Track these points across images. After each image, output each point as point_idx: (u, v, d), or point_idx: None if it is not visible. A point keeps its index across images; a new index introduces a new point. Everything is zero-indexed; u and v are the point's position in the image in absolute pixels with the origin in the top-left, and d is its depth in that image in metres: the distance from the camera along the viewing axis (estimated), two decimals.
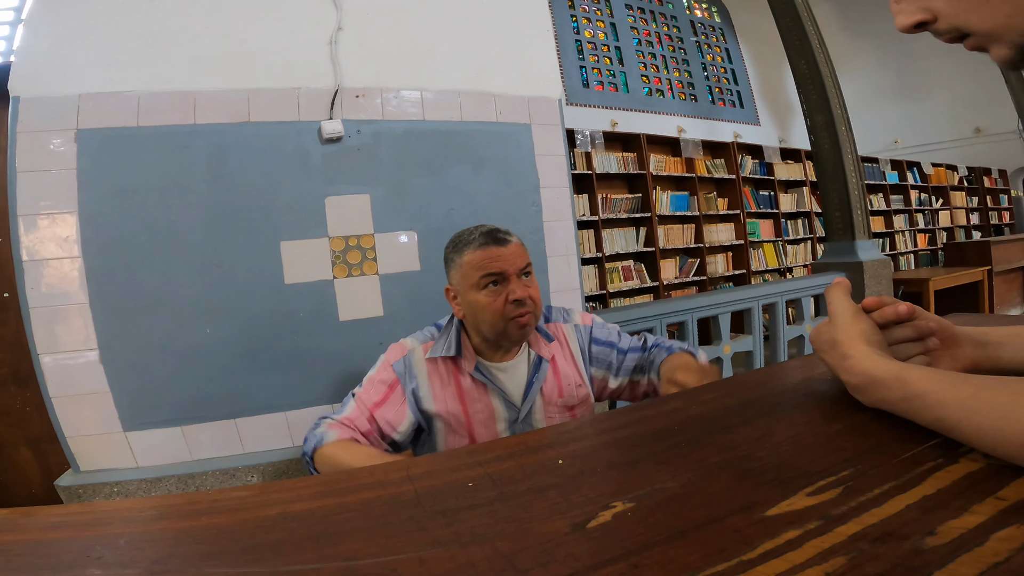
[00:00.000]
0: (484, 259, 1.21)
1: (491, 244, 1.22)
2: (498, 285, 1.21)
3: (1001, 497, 0.36)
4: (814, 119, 4.10)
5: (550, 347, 1.35)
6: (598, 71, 7.01)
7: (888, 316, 0.60)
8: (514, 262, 1.22)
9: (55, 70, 1.83)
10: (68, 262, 1.83)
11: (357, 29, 2.16)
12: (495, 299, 1.21)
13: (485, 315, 1.22)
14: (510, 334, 1.23)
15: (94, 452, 1.88)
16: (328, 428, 1.22)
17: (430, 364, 1.29)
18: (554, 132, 2.47)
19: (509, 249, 1.23)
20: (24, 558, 0.42)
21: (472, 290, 1.22)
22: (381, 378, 1.29)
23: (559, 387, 1.33)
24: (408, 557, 0.37)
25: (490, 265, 1.20)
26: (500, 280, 1.21)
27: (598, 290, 5.64)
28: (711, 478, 0.45)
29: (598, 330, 1.43)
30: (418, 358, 1.30)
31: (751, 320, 3.45)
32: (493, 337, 1.26)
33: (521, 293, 1.20)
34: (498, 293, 1.21)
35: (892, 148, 9.93)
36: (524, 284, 1.23)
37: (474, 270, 1.21)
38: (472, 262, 1.21)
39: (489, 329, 1.23)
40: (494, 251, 1.21)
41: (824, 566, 0.31)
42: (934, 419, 0.46)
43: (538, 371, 1.32)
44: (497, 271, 1.21)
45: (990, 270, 5.63)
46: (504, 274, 1.21)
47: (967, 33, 0.46)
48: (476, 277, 1.21)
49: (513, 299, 1.20)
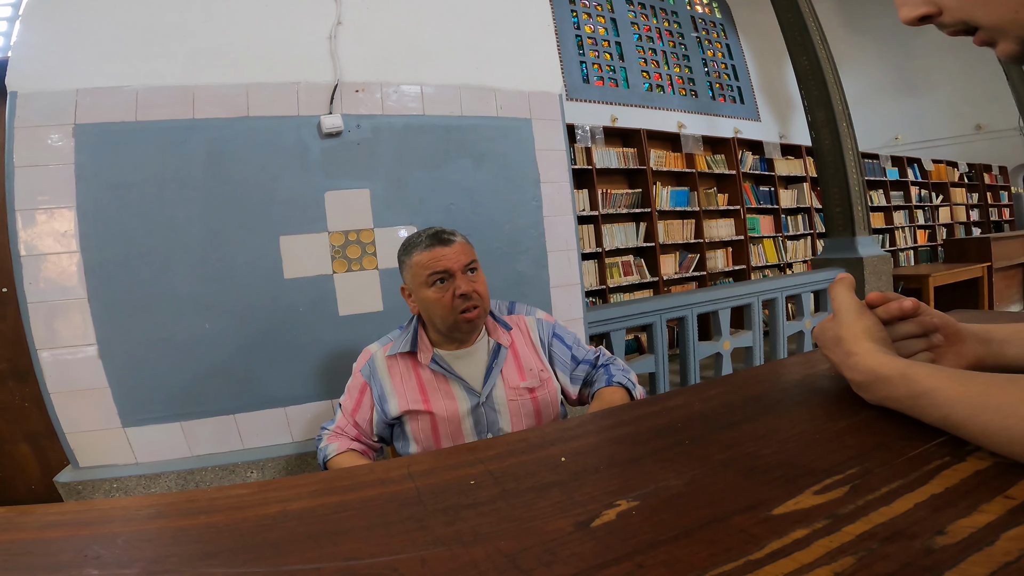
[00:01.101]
0: (431, 259, 1.32)
1: (436, 245, 1.33)
2: (445, 282, 1.32)
3: (1010, 496, 0.35)
4: (815, 115, 4.10)
5: (509, 334, 1.45)
6: (598, 66, 6.98)
7: (893, 312, 0.60)
8: (458, 259, 1.33)
9: (53, 65, 1.83)
10: (66, 257, 1.82)
11: (357, 23, 2.15)
12: (443, 295, 1.32)
13: (436, 309, 1.33)
14: (460, 326, 1.34)
15: (93, 448, 1.88)
16: (328, 441, 1.42)
17: (390, 361, 1.41)
18: (554, 127, 2.46)
19: (453, 248, 1.34)
20: (21, 557, 0.42)
21: (422, 288, 1.33)
22: (353, 384, 1.44)
23: (519, 370, 1.42)
24: (410, 556, 0.37)
25: (436, 264, 1.31)
26: (446, 277, 1.32)
27: (598, 285, 5.64)
28: (716, 476, 0.44)
29: (560, 329, 1.54)
30: (379, 359, 1.42)
31: (751, 316, 3.45)
32: (446, 330, 1.37)
33: (466, 288, 1.31)
34: (445, 289, 1.32)
35: (892, 144, 9.91)
36: (469, 280, 1.33)
37: (422, 269, 1.32)
38: (420, 262, 1.33)
39: (441, 323, 1.35)
40: (439, 251, 1.32)
41: (833, 566, 0.30)
42: (940, 417, 0.46)
43: (497, 356, 1.41)
44: (442, 269, 1.31)
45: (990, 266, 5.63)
46: (449, 271, 1.32)
47: (973, 27, 0.45)
48: (424, 275, 1.32)
49: (459, 293, 1.30)
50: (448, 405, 1.36)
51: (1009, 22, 0.43)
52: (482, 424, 1.37)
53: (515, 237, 2.35)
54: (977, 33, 0.45)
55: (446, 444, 1.37)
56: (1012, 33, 0.43)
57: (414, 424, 1.37)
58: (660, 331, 3.00)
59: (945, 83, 9.45)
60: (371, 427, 1.41)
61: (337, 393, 2.07)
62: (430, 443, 1.37)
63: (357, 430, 1.41)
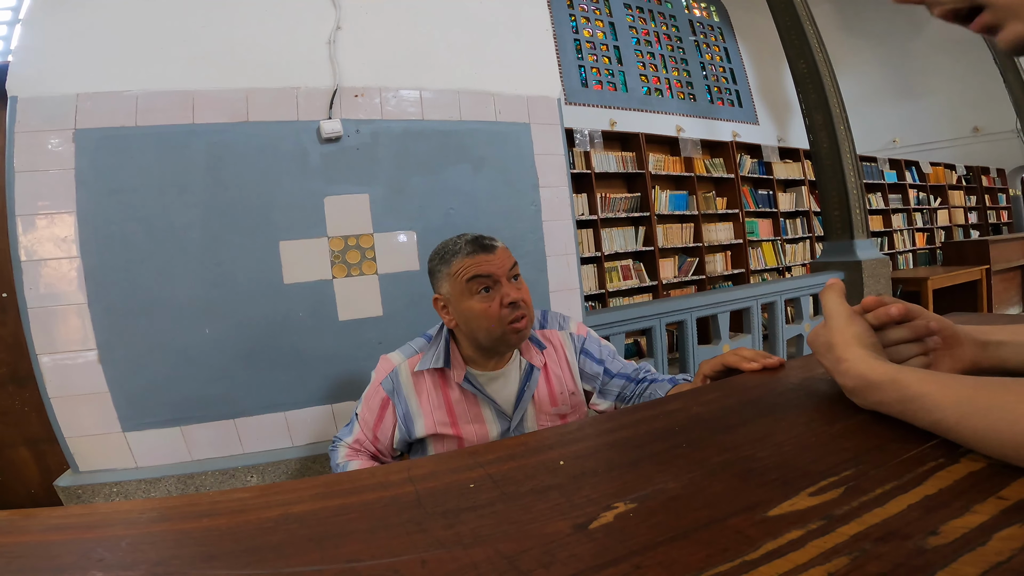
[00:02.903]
0: (474, 267, 1.19)
1: (479, 251, 1.21)
2: (490, 291, 1.20)
3: (1003, 496, 0.36)
4: (813, 118, 4.11)
5: (542, 355, 1.33)
6: (597, 70, 7.00)
7: (881, 318, 0.60)
8: (503, 265, 1.21)
9: (53, 70, 1.83)
10: (66, 262, 1.82)
11: (356, 28, 2.16)
12: (490, 304, 1.19)
13: (481, 322, 1.20)
14: (507, 339, 1.21)
15: (93, 452, 1.88)
16: (347, 457, 1.30)
17: (416, 378, 1.28)
18: (553, 131, 2.47)
19: (497, 254, 1.22)
20: (25, 560, 0.42)
21: (464, 298, 1.21)
22: (374, 397, 1.30)
23: (551, 395, 1.32)
24: (410, 558, 0.37)
25: (480, 270, 1.19)
26: (492, 286, 1.20)
27: (597, 289, 5.64)
28: (713, 478, 0.45)
29: (590, 344, 1.41)
30: (405, 374, 1.29)
31: (750, 319, 3.45)
32: (489, 344, 1.23)
33: (515, 295, 1.19)
34: (491, 298, 1.19)
35: (890, 147, 9.93)
36: (516, 287, 1.22)
37: (464, 278, 1.20)
38: (461, 271, 1.20)
39: (486, 336, 1.21)
40: (482, 257, 1.20)
41: (827, 566, 0.31)
42: (932, 422, 0.46)
43: (529, 379, 1.30)
44: (487, 274, 1.19)
45: (988, 269, 5.63)
46: (494, 277, 1.20)
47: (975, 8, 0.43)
48: (468, 284, 1.19)
49: (508, 302, 1.18)
50: (478, 430, 1.26)
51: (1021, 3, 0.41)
52: None
53: (514, 242, 2.36)
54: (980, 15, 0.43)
55: None
56: None
57: (438, 446, 1.27)
58: (659, 335, 3.00)
59: (942, 86, 9.48)
60: (392, 443, 1.30)
61: (337, 397, 2.08)
62: None
63: (376, 447, 1.30)
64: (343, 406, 2.09)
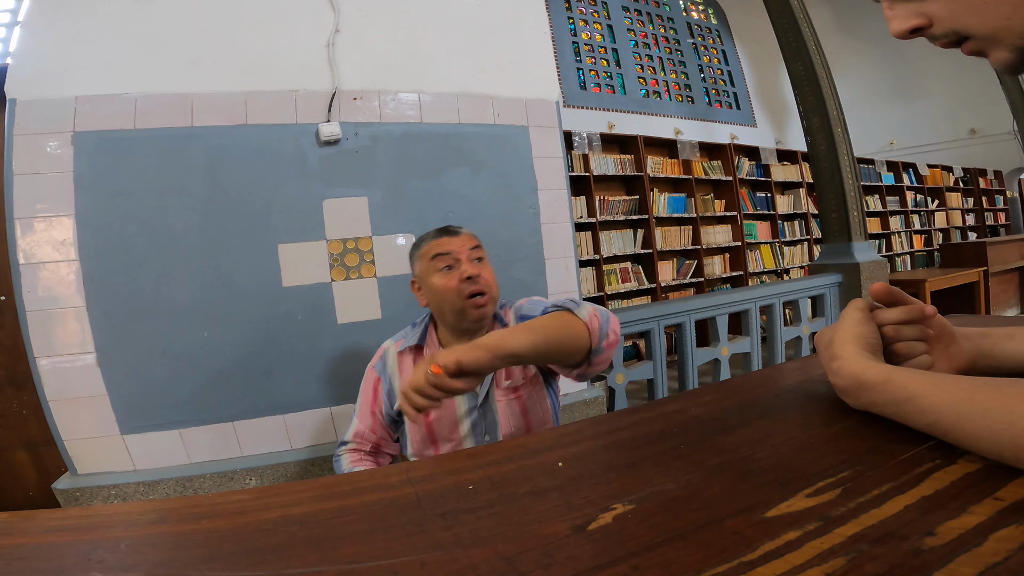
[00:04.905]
0: (437, 246, 1.35)
1: (443, 235, 1.37)
2: (452, 269, 1.33)
3: (999, 497, 0.36)
4: (810, 120, 4.12)
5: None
6: (595, 73, 7.01)
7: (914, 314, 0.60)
8: (464, 246, 1.35)
9: (52, 72, 1.83)
10: (65, 265, 1.82)
11: (355, 31, 2.16)
12: (450, 280, 1.32)
13: (444, 295, 1.33)
14: (468, 314, 1.32)
15: (91, 455, 1.88)
16: (350, 463, 1.40)
17: (401, 358, 1.41)
18: (551, 134, 2.47)
19: (460, 237, 1.37)
20: (25, 562, 0.42)
21: (430, 275, 1.35)
22: (368, 379, 1.45)
23: (506, 369, 1.39)
24: (409, 560, 0.37)
25: (442, 248, 1.34)
26: (453, 264, 1.33)
27: (596, 292, 5.64)
28: (711, 480, 0.45)
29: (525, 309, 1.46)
30: (392, 355, 1.43)
31: (748, 321, 3.45)
32: (453, 320, 1.35)
33: (472, 270, 1.32)
34: (452, 275, 1.32)
35: (888, 149, 9.96)
36: (476, 265, 1.34)
37: (429, 257, 1.35)
38: (428, 251, 1.36)
39: (449, 309, 1.33)
40: (445, 239, 1.36)
41: (824, 567, 0.31)
42: (927, 423, 0.46)
43: None
44: (447, 251, 1.34)
45: (986, 271, 5.64)
46: (454, 255, 1.33)
47: (964, 37, 0.45)
48: (431, 263, 1.35)
49: (466, 276, 1.31)
50: (446, 403, 1.34)
51: (1002, 30, 0.43)
52: (480, 427, 1.36)
53: (513, 245, 2.36)
54: (967, 43, 0.45)
55: (443, 445, 1.36)
56: (1006, 41, 0.43)
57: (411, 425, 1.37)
58: (658, 337, 3.01)
59: (940, 88, 9.51)
60: (390, 419, 1.42)
61: (336, 400, 2.08)
62: (425, 444, 1.36)
63: (376, 434, 1.42)
64: (342, 409, 2.09)
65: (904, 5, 0.47)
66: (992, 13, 0.43)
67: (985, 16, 0.43)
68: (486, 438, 1.36)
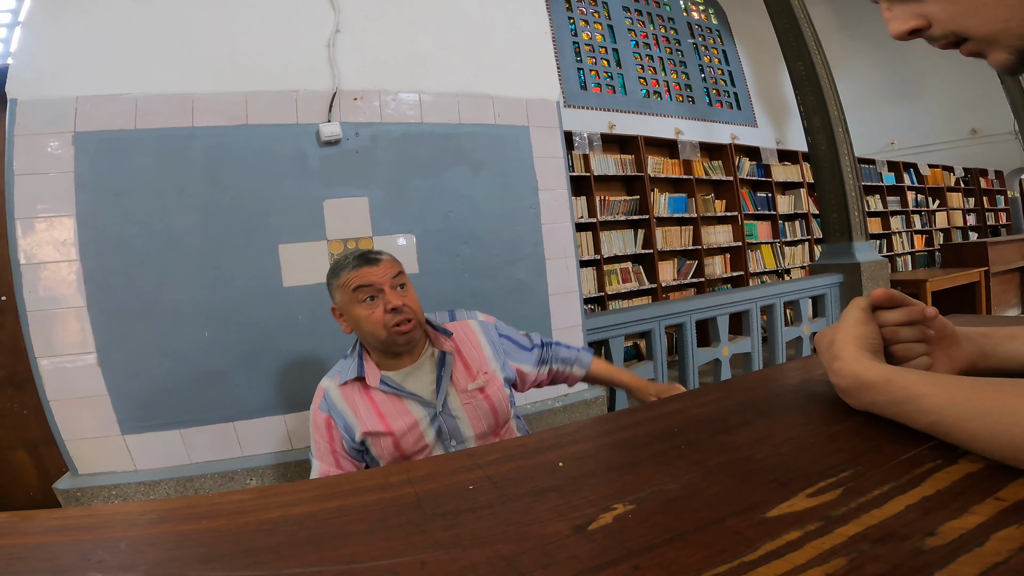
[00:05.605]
0: (357, 278, 1.32)
1: (363, 264, 1.34)
2: (375, 299, 1.32)
3: (1000, 497, 0.36)
4: (811, 121, 4.12)
5: (451, 340, 1.44)
6: (596, 73, 7.01)
7: (915, 316, 0.60)
8: (385, 275, 1.33)
9: (53, 73, 1.83)
10: (66, 265, 1.82)
11: (355, 32, 2.16)
12: (373, 311, 1.31)
13: (367, 326, 1.32)
14: (394, 341, 1.32)
15: (92, 455, 1.88)
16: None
17: (344, 391, 1.38)
18: (552, 134, 2.47)
19: (380, 266, 1.34)
20: (24, 562, 0.42)
21: (352, 305, 1.33)
22: (318, 423, 1.39)
23: (468, 372, 1.43)
24: (409, 560, 0.37)
25: (364, 279, 1.32)
26: (376, 294, 1.32)
27: (596, 292, 5.64)
28: (711, 479, 0.45)
29: (503, 329, 1.57)
30: (334, 392, 1.39)
31: (749, 322, 3.45)
32: (381, 347, 1.35)
33: (396, 301, 1.31)
34: (375, 306, 1.31)
35: (889, 149, 9.96)
36: (399, 295, 1.33)
37: (351, 288, 1.33)
38: (348, 281, 1.33)
39: (373, 340, 1.33)
40: (366, 270, 1.33)
41: (825, 567, 0.31)
42: (928, 423, 0.46)
43: (444, 365, 1.40)
44: (368, 283, 1.31)
45: (987, 271, 5.64)
46: (376, 285, 1.32)
47: (963, 38, 0.45)
48: (353, 294, 1.32)
49: (390, 308, 1.30)
50: (407, 421, 1.35)
51: (1000, 31, 0.43)
52: (444, 433, 1.37)
53: (513, 245, 2.36)
54: (966, 44, 0.45)
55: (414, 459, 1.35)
56: (1004, 43, 0.43)
57: (376, 445, 1.36)
58: (659, 338, 3.00)
59: (940, 87, 9.50)
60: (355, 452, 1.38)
61: None
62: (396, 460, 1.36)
63: (342, 469, 1.38)
64: None
65: (903, 6, 0.47)
66: (991, 15, 0.42)
67: (984, 18, 0.43)
68: (452, 443, 1.37)
